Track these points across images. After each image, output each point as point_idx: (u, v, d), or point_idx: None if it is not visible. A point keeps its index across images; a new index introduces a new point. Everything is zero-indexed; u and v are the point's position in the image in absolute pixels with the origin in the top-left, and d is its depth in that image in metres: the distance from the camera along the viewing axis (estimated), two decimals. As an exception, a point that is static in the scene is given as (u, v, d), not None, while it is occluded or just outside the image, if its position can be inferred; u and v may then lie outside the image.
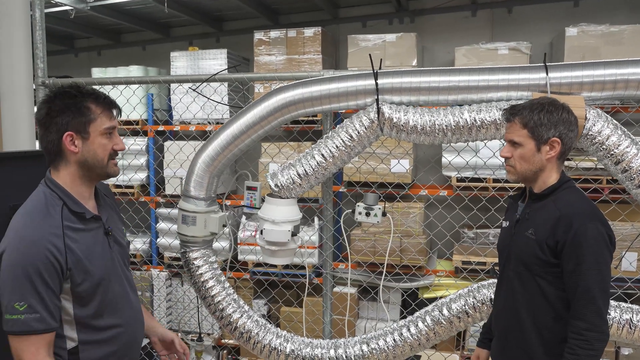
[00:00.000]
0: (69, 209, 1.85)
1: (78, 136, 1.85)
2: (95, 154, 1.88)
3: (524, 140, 2.02)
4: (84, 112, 1.85)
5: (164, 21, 6.64)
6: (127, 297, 2.03)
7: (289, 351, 2.90)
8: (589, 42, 4.69)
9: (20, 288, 1.71)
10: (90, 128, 1.86)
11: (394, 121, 2.58)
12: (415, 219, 5.09)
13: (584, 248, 1.89)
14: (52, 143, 1.85)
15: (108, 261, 1.94)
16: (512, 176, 2.11)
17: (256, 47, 5.60)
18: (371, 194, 2.85)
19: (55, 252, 1.75)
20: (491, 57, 4.98)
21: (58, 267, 1.75)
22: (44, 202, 1.84)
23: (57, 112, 1.84)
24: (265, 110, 2.72)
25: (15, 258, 1.73)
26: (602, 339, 1.91)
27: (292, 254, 2.86)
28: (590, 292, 1.89)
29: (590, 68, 2.42)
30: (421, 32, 5.64)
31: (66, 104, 1.84)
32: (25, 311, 1.71)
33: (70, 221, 1.84)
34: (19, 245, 1.74)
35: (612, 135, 2.38)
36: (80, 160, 1.87)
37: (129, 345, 2.02)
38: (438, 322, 2.75)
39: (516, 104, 2.12)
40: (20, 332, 1.72)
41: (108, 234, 1.97)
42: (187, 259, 2.96)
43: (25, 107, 3.16)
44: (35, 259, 1.72)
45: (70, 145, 1.85)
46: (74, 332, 1.86)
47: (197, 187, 2.88)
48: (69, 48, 7.58)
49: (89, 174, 1.91)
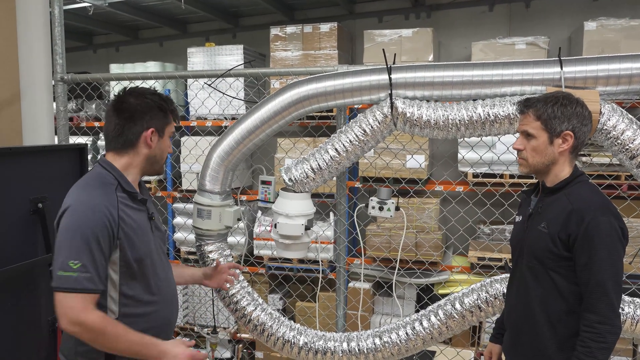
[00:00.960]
0: (122, 187, 1.99)
1: (156, 134, 2.05)
2: (163, 152, 2.11)
3: (536, 132, 2.02)
4: (167, 114, 2.08)
5: (181, 17, 6.69)
6: (166, 277, 2.15)
7: (302, 344, 2.92)
8: (609, 37, 4.63)
9: (77, 248, 1.82)
10: (166, 130, 2.10)
11: (407, 116, 2.58)
12: (430, 214, 5.09)
13: (596, 241, 1.89)
14: (134, 134, 2.02)
15: (150, 242, 2.07)
16: (524, 169, 2.10)
17: (272, 43, 5.62)
18: (384, 188, 2.86)
19: (110, 220, 1.88)
20: (508, 52, 4.94)
21: (111, 234, 1.88)
22: (100, 179, 1.99)
23: (148, 108, 2.02)
24: (280, 105, 2.75)
25: (75, 220, 1.85)
26: (614, 332, 1.90)
27: (305, 248, 2.88)
28: (603, 286, 1.89)
29: (605, 62, 2.40)
30: (438, 27, 5.61)
31: (157, 104, 2.04)
32: (79, 269, 1.81)
33: (124, 198, 1.98)
34: (78, 208, 1.87)
35: (627, 130, 2.37)
36: (150, 154, 2.06)
37: (165, 323, 2.13)
38: (450, 316, 2.76)
39: (531, 97, 2.12)
40: (72, 288, 1.81)
41: (151, 218, 2.11)
42: (202, 252, 3.00)
43: (45, 103, 3.21)
44: (93, 224, 1.84)
45: (149, 140, 2.03)
46: (115, 305, 1.96)
47: (212, 181, 2.91)
48: (88, 44, 7.66)
49: (149, 168, 2.10)
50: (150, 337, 1.94)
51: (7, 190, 2.50)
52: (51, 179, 2.75)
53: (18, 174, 2.57)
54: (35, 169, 2.67)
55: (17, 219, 2.55)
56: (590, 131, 2.10)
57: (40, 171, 2.70)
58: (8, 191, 2.50)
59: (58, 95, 3.39)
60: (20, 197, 2.57)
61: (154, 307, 2.06)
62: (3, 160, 2.48)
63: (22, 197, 2.59)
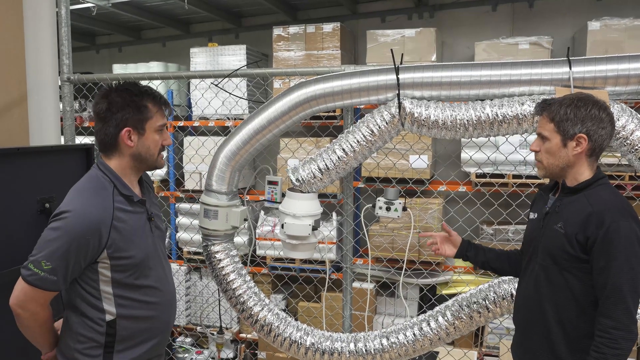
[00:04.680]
0: (119, 191, 1.99)
1: (135, 132, 2.00)
2: (149, 148, 2.04)
3: (550, 134, 2.02)
4: (142, 110, 2.00)
5: (183, 17, 6.69)
6: (165, 280, 2.15)
7: (309, 344, 2.92)
8: (612, 36, 4.62)
9: (55, 252, 1.85)
10: (147, 125, 2.02)
11: (415, 116, 2.58)
12: (435, 214, 5.08)
13: (615, 245, 1.86)
14: (110, 136, 1.99)
15: (150, 245, 2.07)
16: (540, 171, 2.09)
17: (275, 43, 5.61)
18: (392, 188, 2.85)
19: (101, 230, 1.88)
20: (512, 52, 4.94)
21: (98, 243, 1.89)
22: (97, 183, 1.99)
23: (118, 107, 1.97)
24: (287, 105, 2.74)
25: (64, 225, 1.86)
26: (630, 338, 1.88)
27: (312, 248, 2.88)
28: (620, 291, 1.86)
29: (614, 62, 2.40)
30: (441, 27, 5.61)
31: (127, 101, 1.98)
32: (48, 271, 1.85)
33: (120, 202, 1.98)
34: (70, 214, 1.87)
35: (636, 130, 2.36)
36: (134, 153, 2.03)
37: (164, 323, 2.14)
38: (458, 316, 2.75)
39: (548, 98, 2.11)
40: (34, 285, 1.86)
41: (150, 219, 2.11)
42: (208, 253, 2.99)
43: (51, 103, 3.22)
44: (80, 233, 1.85)
45: (127, 140, 1.99)
46: (112, 306, 1.98)
47: (219, 181, 2.91)
48: (90, 45, 7.65)
49: (139, 166, 2.08)
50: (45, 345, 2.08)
51: (15, 190, 2.50)
52: (58, 179, 2.75)
53: (25, 174, 2.57)
54: (43, 169, 2.68)
55: (25, 219, 2.55)
56: (612, 134, 2.05)
57: (48, 171, 2.71)
58: (16, 191, 2.51)
59: (65, 96, 3.39)
60: (27, 197, 2.57)
61: (154, 308, 2.07)
62: (11, 160, 2.49)
63: (30, 197, 2.59)
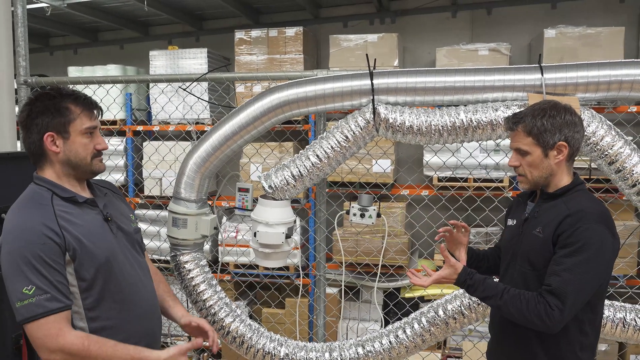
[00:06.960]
0: (59, 196, 1.87)
1: (59, 136, 1.88)
2: (77, 153, 1.90)
3: (530, 148, 1.99)
4: (63, 112, 1.88)
5: (143, 19, 6.53)
6: (140, 282, 2.02)
7: (283, 355, 2.86)
8: (567, 44, 4.75)
9: (23, 274, 1.72)
10: (70, 128, 1.89)
11: (389, 122, 2.56)
12: (397, 218, 5.09)
13: (580, 245, 1.86)
14: (34, 144, 1.89)
15: (113, 245, 1.94)
16: (524, 185, 2.06)
17: (237, 47, 5.55)
18: (366, 195, 2.83)
19: (50, 234, 1.77)
20: (472, 58, 5.01)
21: (57, 249, 1.76)
22: (33, 196, 1.88)
23: (37, 113, 1.87)
24: (259, 110, 2.68)
25: (11, 247, 1.75)
26: (545, 324, 1.86)
27: (285, 257, 2.82)
28: (564, 286, 1.84)
29: (584, 69, 2.45)
30: (402, 33, 5.65)
31: (46, 105, 1.87)
32: (35, 293, 1.71)
33: (63, 207, 1.86)
34: (12, 234, 1.76)
35: (606, 136, 2.41)
36: (62, 159, 1.90)
37: (145, 332, 2.00)
38: (434, 323, 2.74)
39: (517, 112, 2.07)
40: (36, 315, 1.70)
41: (107, 219, 1.97)
42: (177, 263, 2.89)
43: (7, 107, 3.05)
44: (31, 245, 1.74)
45: (52, 145, 1.88)
46: (83, 322, 1.85)
47: (188, 189, 2.82)
48: (44, 46, 7.40)
49: (74, 172, 1.93)
50: (142, 350, 1.83)
51: (-32, 200, 2.35)
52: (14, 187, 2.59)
53: (-20, 183, 2.42)
54: (-1, 177, 2.53)
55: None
56: (583, 136, 2.09)
57: (3, 179, 2.56)
58: (-31, 201, 2.35)
59: (21, 100, 3.22)
60: (-19, 207, 2.42)
61: (127, 316, 1.93)
62: (-35, 168, 2.34)
63: (-15, 206, 2.44)
